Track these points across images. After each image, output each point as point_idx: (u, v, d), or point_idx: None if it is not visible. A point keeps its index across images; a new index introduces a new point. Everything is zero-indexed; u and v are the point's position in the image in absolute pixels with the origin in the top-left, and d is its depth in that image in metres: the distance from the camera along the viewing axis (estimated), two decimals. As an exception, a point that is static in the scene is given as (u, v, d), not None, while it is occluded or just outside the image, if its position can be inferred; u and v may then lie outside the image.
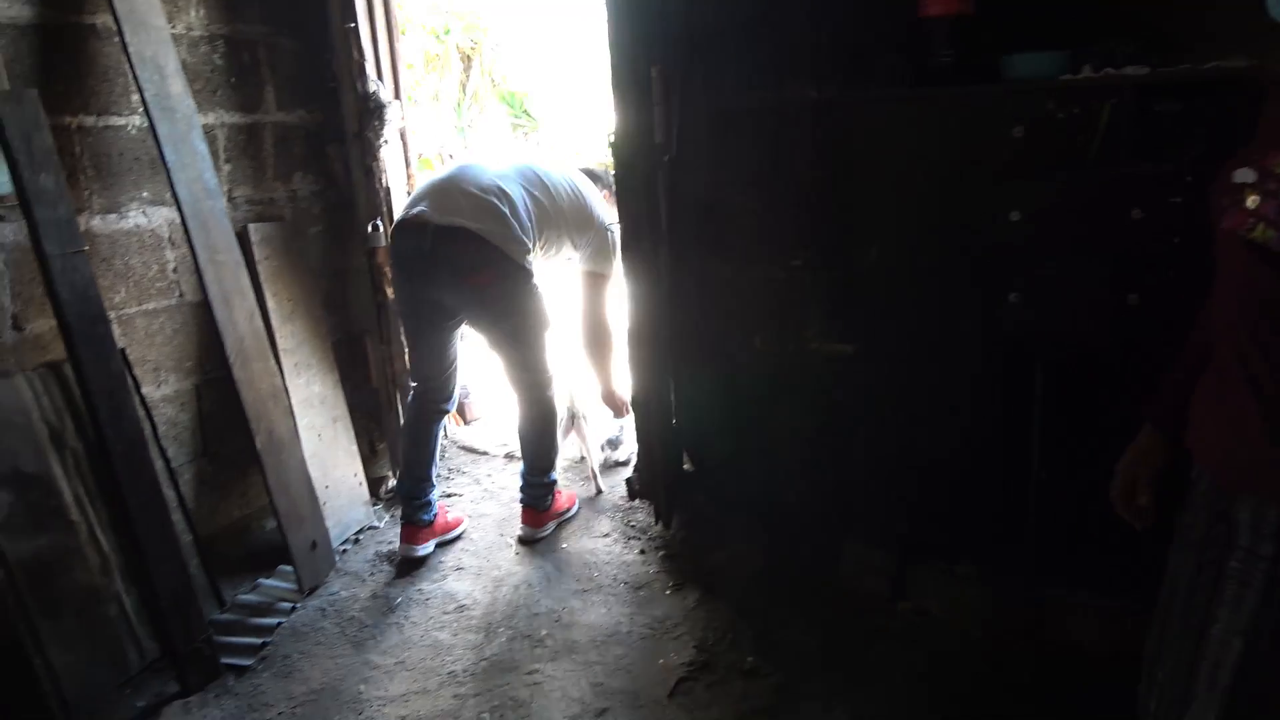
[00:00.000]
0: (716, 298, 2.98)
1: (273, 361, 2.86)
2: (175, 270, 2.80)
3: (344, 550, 3.14)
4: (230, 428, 3.01)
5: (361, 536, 3.26)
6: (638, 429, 3.10)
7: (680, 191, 2.86)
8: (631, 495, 3.24)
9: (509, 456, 3.90)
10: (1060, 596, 2.44)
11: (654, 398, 2.95)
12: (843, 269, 2.87)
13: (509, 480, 3.70)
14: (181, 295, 2.83)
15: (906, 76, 2.54)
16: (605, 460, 3.72)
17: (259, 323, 2.82)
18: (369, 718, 2.29)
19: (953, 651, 2.42)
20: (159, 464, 2.60)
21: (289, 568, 2.98)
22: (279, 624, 2.69)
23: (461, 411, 4.17)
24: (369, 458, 3.46)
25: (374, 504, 3.40)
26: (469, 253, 2.70)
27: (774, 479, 3.05)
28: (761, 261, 2.94)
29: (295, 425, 2.91)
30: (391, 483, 3.57)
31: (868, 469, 2.73)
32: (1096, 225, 2.23)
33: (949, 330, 2.48)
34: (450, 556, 3.09)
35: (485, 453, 3.96)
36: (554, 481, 3.23)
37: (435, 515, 3.12)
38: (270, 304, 2.98)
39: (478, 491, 3.62)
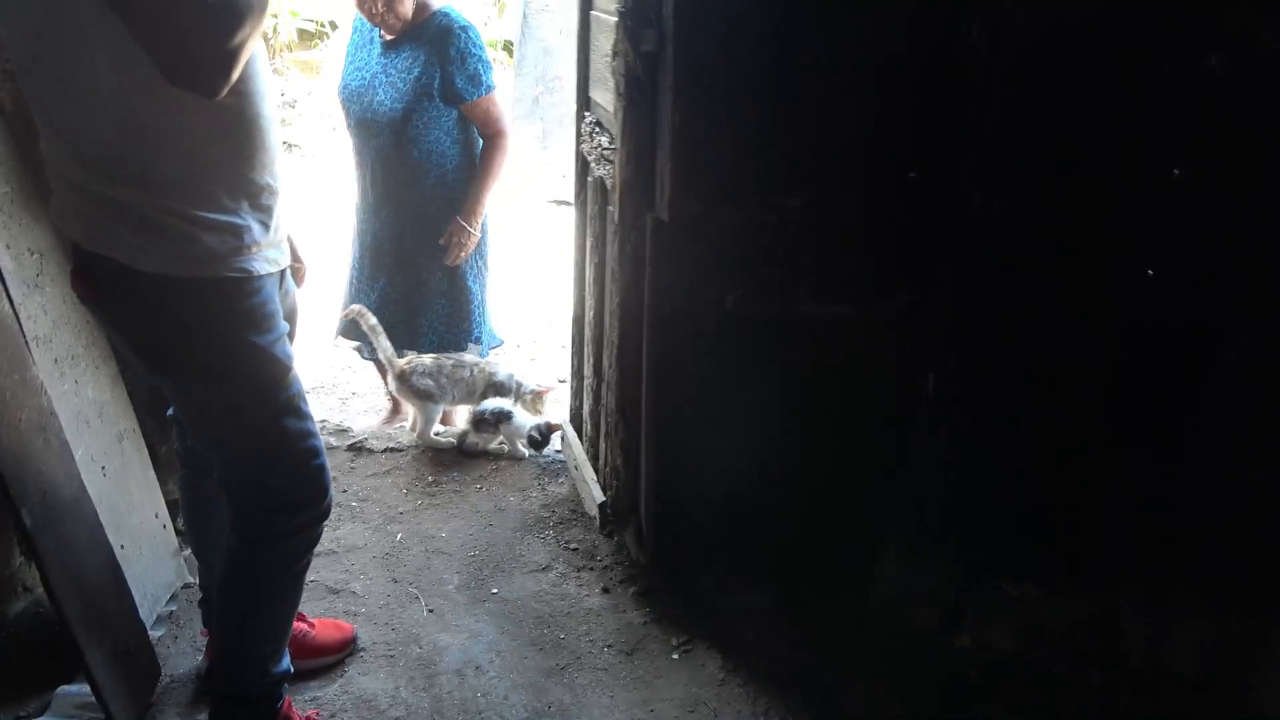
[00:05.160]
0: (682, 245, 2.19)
1: (33, 369, 1.65)
2: None
3: (158, 636, 2.04)
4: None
5: (176, 608, 2.16)
6: (618, 436, 2.27)
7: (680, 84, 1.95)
8: (604, 526, 2.42)
9: (355, 449, 2.87)
10: (1153, 621, 2.09)
11: (634, 391, 2.15)
12: (866, 211, 2.23)
13: (371, 485, 2.71)
14: None
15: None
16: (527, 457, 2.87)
17: (6, 306, 1.60)
18: None
19: (1051, 700, 2.00)
20: None
21: (76, 689, 1.85)
22: (100, 812, 1.62)
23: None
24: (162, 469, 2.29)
25: (182, 549, 2.27)
26: None
27: (757, 479, 2.41)
28: (745, 197, 2.20)
29: (75, 469, 1.74)
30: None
31: (909, 469, 2.19)
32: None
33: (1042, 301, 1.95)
34: (336, 630, 2.12)
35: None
36: (270, 701, 1.69)
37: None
38: (5, 262, 1.73)
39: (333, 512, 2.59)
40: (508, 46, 7.95)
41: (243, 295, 1.40)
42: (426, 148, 2.66)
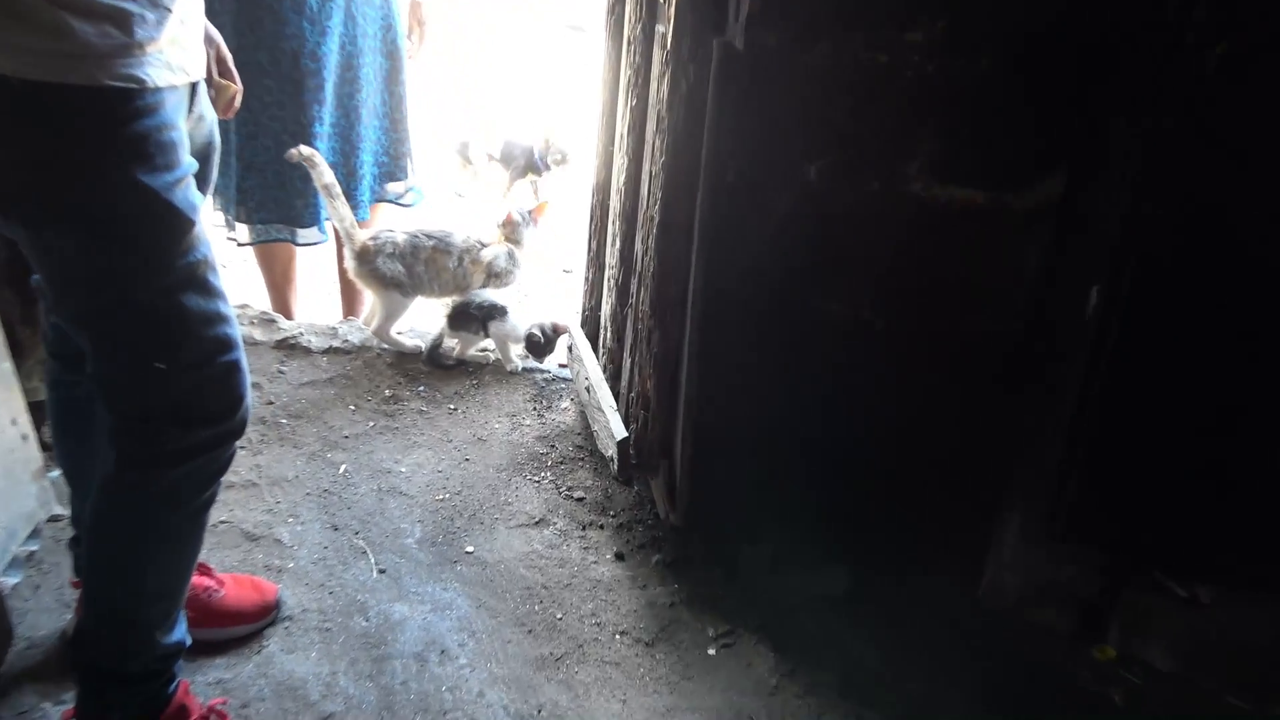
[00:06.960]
0: (760, 86, 1.59)
1: None
2: None
3: (13, 585, 1.51)
4: None
5: (38, 547, 1.61)
6: (650, 349, 1.69)
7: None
8: (624, 472, 1.83)
9: (286, 346, 2.28)
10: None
11: (677, 288, 1.56)
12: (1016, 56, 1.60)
13: (307, 397, 2.14)
14: None
15: None
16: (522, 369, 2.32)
17: None
18: None
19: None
20: None
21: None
22: None
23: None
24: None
25: (49, 469, 1.70)
26: None
27: (834, 422, 1.82)
28: (846, 27, 1.57)
29: None
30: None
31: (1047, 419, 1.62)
32: None
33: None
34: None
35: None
36: (157, 681, 1.27)
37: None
38: None
39: (253, 431, 2.01)
40: None
41: (128, 115, 1.00)
42: None
